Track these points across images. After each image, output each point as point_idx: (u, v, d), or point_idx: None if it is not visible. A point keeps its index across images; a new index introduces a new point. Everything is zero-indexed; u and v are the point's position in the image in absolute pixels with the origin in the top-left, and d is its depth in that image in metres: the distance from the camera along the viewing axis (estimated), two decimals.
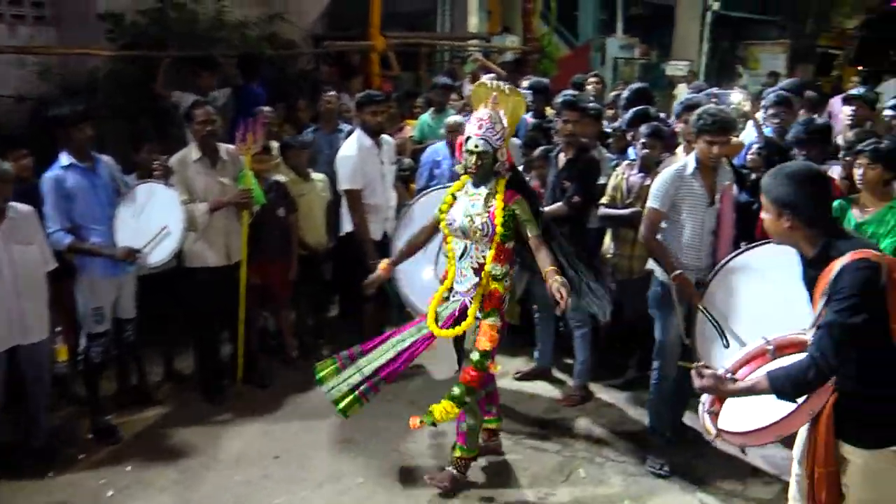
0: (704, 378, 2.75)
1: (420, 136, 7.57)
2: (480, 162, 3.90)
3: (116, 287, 4.86)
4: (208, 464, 4.51)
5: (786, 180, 2.72)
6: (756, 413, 2.77)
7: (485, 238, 3.93)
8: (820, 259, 2.68)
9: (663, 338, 4.39)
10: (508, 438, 4.74)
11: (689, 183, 4.23)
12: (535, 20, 12.45)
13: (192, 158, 5.07)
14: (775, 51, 21.83)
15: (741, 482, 4.31)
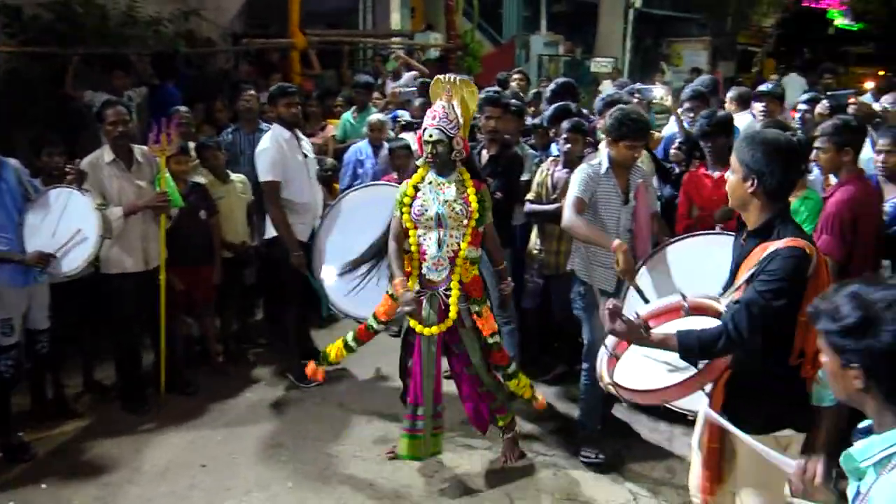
0: (618, 321, 2.74)
1: (342, 136, 7.59)
2: (436, 151, 4.07)
3: (26, 297, 4.71)
4: (131, 477, 4.43)
5: (761, 147, 2.76)
6: (649, 373, 2.87)
7: (462, 224, 4.13)
8: (763, 231, 2.76)
9: (592, 338, 4.42)
10: None
11: (603, 182, 4.34)
12: (459, 17, 12.57)
13: (105, 161, 4.97)
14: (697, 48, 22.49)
15: (669, 471, 4.45)
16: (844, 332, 1.71)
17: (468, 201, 4.13)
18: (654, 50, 23.76)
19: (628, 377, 2.92)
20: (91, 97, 6.64)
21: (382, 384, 5.65)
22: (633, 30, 20.26)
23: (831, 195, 4.09)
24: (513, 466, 4.49)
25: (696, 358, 2.67)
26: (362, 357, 5.99)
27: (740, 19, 25.39)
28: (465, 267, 4.18)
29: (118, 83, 6.85)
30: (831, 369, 1.79)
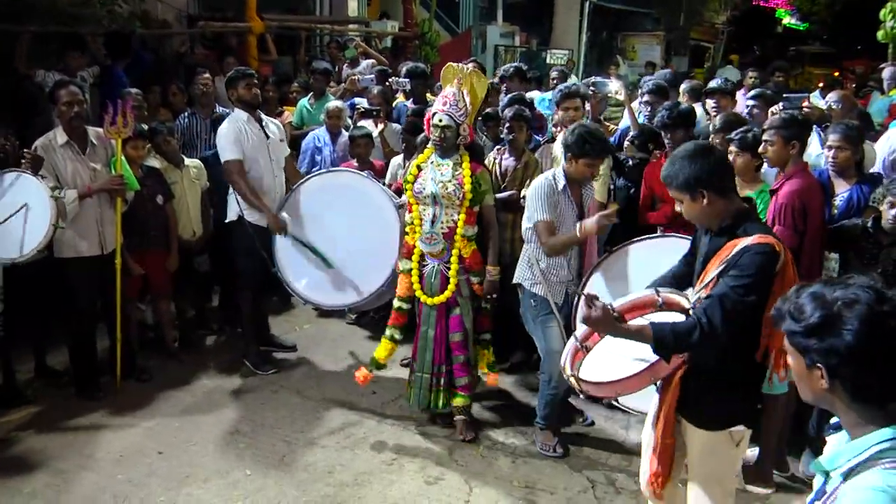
0: (594, 308, 2.76)
1: (299, 122, 7.55)
2: (444, 135, 4.43)
3: None
4: (86, 464, 4.39)
5: (687, 161, 2.84)
6: (608, 368, 2.93)
7: (455, 202, 4.45)
8: (728, 229, 2.84)
9: (546, 348, 4.44)
10: (397, 425, 4.86)
11: (561, 198, 4.37)
12: (416, 6, 12.55)
13: (58, 143, 4.88)
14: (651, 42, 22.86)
15: (626, 459, 4.54)
16: (808, 331, 1.74)
17: (462, 182, 4.45)
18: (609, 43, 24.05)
19: (589, 370, 2.99)
20: (43, 77, 6.49)
21: (339, 371, 5.65)
22: (588, 23, 20.47)
23: (780, 187, 4.22)
24: (471, 454, 4.55)
25: (669, 351, 2.73)
26: (319, 344, 6.07)
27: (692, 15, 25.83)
28: (464, 243, 4.54)
29: (73, 63, 6.70)
30: (797, 370, 1.83)
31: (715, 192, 2.83)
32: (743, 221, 2.84)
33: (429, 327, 4.66)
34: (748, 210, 2.93)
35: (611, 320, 2.76)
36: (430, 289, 4.61)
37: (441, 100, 4.50)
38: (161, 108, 6.90)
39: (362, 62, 9.44)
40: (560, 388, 4.52)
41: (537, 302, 4.47)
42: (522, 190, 5.18)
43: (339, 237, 5.33)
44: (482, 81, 4.66)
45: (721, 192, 2.85)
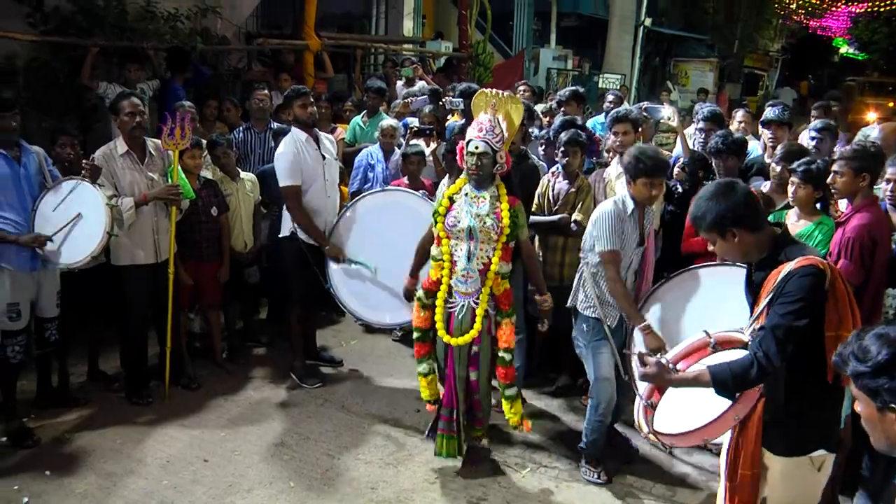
0: (648, 366, 2.78)
1: (352, 139, 7.63)
2: (480, 163, 4.17)
3: (35, 283, 4.76)
4: (134, 468, 4.46)
5: (712, 201, 2.83)
6: (685, 416, 2.89)
7: (493, 237, 4.22)
8: (769, 260, 2.81)
9: (598, 375, 4.39)
10: None
11: (628, 223, 4.31)
12: (471, 28, 12.65)
13: (118, 153, 5.01)
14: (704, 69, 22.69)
15: (670, 489, 4.47)
16: (876, 371, 1.69)
17: (500, 216, 4.20)
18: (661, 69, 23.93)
19: (667, 423, 2.95)
20: (105, 88, 6.69)
21: (384, 387, 5.68)
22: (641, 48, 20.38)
23: (847, 220, 4.12)
24: (515, 477, 4.52)
25: (731, 390, 2.70)
26: (365, 360, 6.09)
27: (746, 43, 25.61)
28: (497, 280, 4.28)
29: (133, 76, 6.90)
30: (868, 416, 1.76)
31: (745, 229, 2.81)
32: (781, 248, 2.82)
33: (462, 368, 4.39)
34: (783, 234, 2.90)
35: (667, 374, 2.76)
36: (460, 327, 4.31)
37: (476, 127, 4.25)
38: (217, 121, 7.04)
39: (418, 83, 9.53)
40: (606, 415, 4.48)
41: (590, 326, 4.43)
42: (574, 214, 5.16)
43: (392, 256, 5.33)
44: (518, 108, 4.39)
45: (752, 228, 2.83)
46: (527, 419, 4.61)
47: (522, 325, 5.31)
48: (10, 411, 4.77)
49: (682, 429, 2.88)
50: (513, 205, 4.26)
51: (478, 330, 4.28)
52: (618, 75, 17.60)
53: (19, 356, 4.71)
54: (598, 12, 20.94)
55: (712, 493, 4.31)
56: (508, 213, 4.22)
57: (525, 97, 8.02)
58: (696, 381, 2.73)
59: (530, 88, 8.80)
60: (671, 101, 14.08)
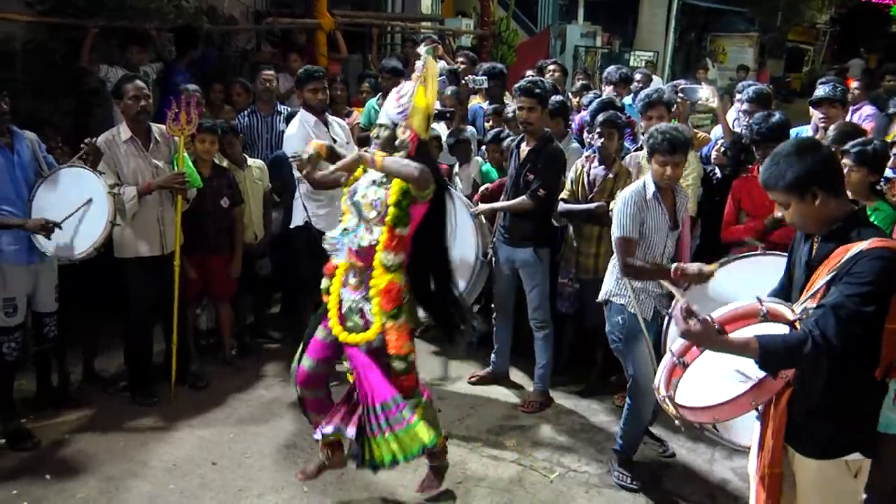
0: (692, 321, 2.62)
1: (367, 122, 7.57)
2: (377, 134, 3.88)
3: (32, 276, 4.78)
4: (138, 471, 4.46)
5: (794, 158, 2.70)
6: (702, 390, 2.81)
7: (376, 218, 3.79)
8: (839, 234, 2.70)
9: (635, 372, 4.35)
10: (464, 446, 4.81)
11: (651, 207, 4.24)
12: (493, 4, 12.55)
13: (121, 139, 5.01)
14: (744, 44, 22.39)
15: (709, 496, 4.41)
16: None
17: (388, 193, 3.77)
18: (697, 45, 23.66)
19: (684, 394, 2.87)
20: (106, 72, 6.69)
21: None
22: (676, 22, 20.14)
23: None
24: (542, 482, 4.47)
25: (778, 367, 2.59)
26: None
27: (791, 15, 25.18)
28: (380, 271, 3.81)
29: (135, 58, 6.89)
30: None
31: (827, 191, 2.69)
32: (855, 225, 2.71)
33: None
34: (859, 212, 2.80)
35: (713, 333, 2.62)
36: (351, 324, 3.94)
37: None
38: (225, 106, 7.02)
39: (439, 62, 9.45)
40: (646, 414, 4.43)
41: (625, 321, 4.36)
42: (612, 203, 5.08)
43: None
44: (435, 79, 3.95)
45: (834, 191, 2.71)
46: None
47: (549, 320, 5.28)
48: (8, 412, 4.79)
49: (695, 403, 2.79)
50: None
51: (376, 331, 3.84)
52: (650, 52, 17.43)
53: (16, 353, 4.72)
54: None
55: None
56: (398, 192, 3.74)
57: (554, 77, 7.96)
58: (741, 348, 2.60)
59: (560, 68, 8.69)
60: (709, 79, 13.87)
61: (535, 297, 5.22)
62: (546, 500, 4.31)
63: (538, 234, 5.19)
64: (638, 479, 4.44)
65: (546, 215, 5.24)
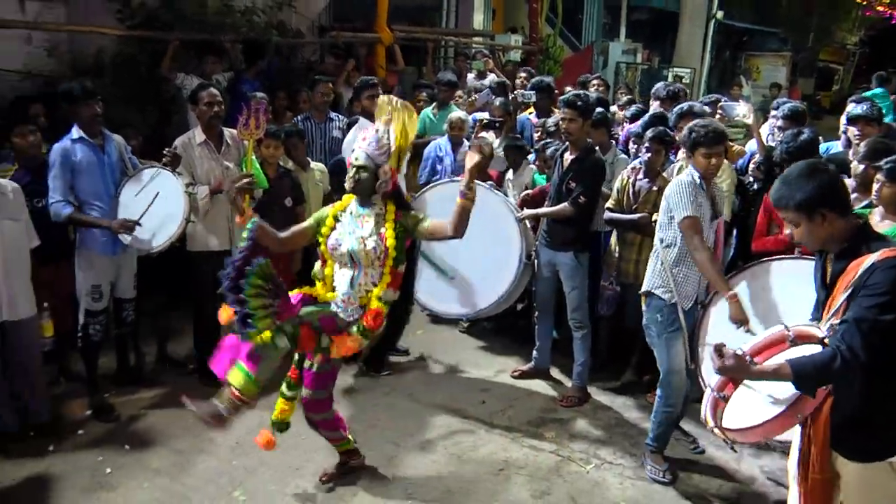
0: (726, 357, 2.63)
1: (422, 131, 7.60)
2: (358, 177, 3.71)
3: (116, 266, 4.92)
4: (205, 447, 4.54)
5: (803, 180, 2.68)
6: (748, 411, 2.77)
7: (377, 261, 3.73)
8: (851, 250, 2.67)
9: (668, 367, 4.30)
10: (505, 436, 4.81)
11: (701, 195, 4.19)
12: (541, 21, 12.50)
13: (196, 141, 5.09)
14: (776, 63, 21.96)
15: (736, 492, 4.33)
16: None
17: (384, 237, 3.72)
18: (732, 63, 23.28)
19: (730, 417, 2.84)
20: (182, 80, 6.81)
21: (449, 378, 5.67)
22: (712, 41, 19.84)
23: None
24: (579, 472, 4.44)
25: (812, 385, 2.58)
26: (431, 350, 6.08)
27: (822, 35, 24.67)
28: (375, 304, 3.76)
29: (210, 68, 7.01)
30: None
31: (835, 212, 2.67)
32: (864, 239, 2.67)
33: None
34: (865, 226, 2.76)
35: (745, 366, 2.63)
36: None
37: (362, 136, 3.80)
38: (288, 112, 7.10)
39: (489, 76, 9.46)
40: (676, 408, 4.38)
41: (664, 315, 4.29)
42: (654, 214, 5.03)
43: (460, 246, 5.28)
44: (413, 119, 3.84)
45: (841, 211, 2.68)
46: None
47: (587, 321, 5.24)
48: (94, 387, 4.96)
49: (744, 424, 2.76)
50: (398, 218, 3.77)
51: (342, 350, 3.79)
52: (688, 69, 17.17)
53: (100, 335, 4.90)
54: (669, 5, 20.44)
55: (780, 498, 4.17)
56: (393, 234, 3.73)
57: (599, 91, 7.91)
58: (774, 374, 2.59)
59: (603, 83, 8.64)
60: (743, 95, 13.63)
61: (574, 298, 5.19)
62: (582, 490, 4.28)
63: (578, 239, 5.16)
64: (669, 473, 4.39)
65: (586, 221, 5.21)
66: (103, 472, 4.28)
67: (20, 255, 4.42)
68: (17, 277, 4.39)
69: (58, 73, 6.62)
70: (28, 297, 4.48)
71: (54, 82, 6.21)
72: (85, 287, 4.83)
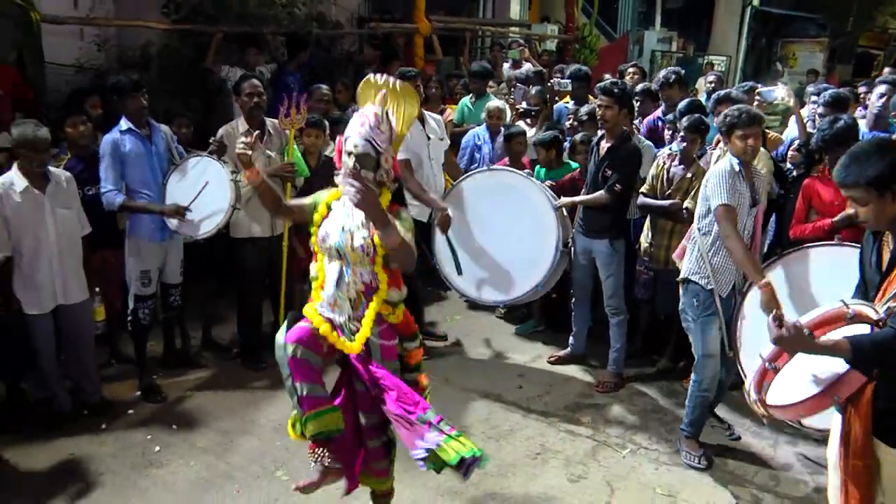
0: (785, 328, 2.50)
1: (460, 120, 7.58)
2: (359, 166, 3.14)
3: (163, 252, 4.98)
4: (249, 428, 4.59)
5: (874, 157, 2.56)
6: (787, 389, 2.70)
7: (366, 258, 3.16)
8: None
9: (704, 351, 4.23)
10: (542, 421, 4.78)
11: (740, 183, 4.10)
12: (577, 10, 12.35)
13: (239, 130, 5.10)
14: (814, 49, 21.40)
15: (773, 478, 4.26)
16: None
17: (373, 234, 3.13)
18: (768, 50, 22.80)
19: (773, 393, 2.76)
20: (226, 71, 6.85)
21: (486, 363, 5.65)
22: (749, 28, 19.42)
23: None
24: (614, 457, 4.39)
25: (869, 365, 2.49)
26: (468, 335, 6.06)
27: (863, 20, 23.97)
28: (388, 309, 3.25)
29: (252, 59, 7.04)
30: None
31: None
32: None
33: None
34: None
35: (804, 338, 2.52)
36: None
37: (358, 120, 3.18)
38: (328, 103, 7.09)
39: (524, 65, 9.38)
40: (710, 392, 4.32)
41: (700, 301, 4.23)
42: (686, 201, 4.96)
43: (498, 234, 5.28)
44: (412, 100, 3.38)
45: None
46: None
47: (623, 307, 5.18)
48: (143, 369, 5.04)
49: (780, 401, 2.69)
50: (391, 212, 3.14)
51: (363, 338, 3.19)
52: (723, 57, 16.87)
53: (148, 318, 4.96)
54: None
55: (817, 486, 4.10)
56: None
57: (634, 80, 7.78)
58: (832, 349, 2.49)
59: (640, 70, 8.48)
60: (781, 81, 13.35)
61: (610, 285, 5.13)
62: (617, 474, 4.24)
63: (614, 227, 5.10)
64: (705, 459, 4.32)
65: (622, 209, 5.15)
66: (152, 451, 4.35)
67: (73, 242, 4.50)
68: (70, 263, 4.46)
69: (107, 67, 6.73)
70: (81, 282, 4.55)
71: (104, 75, 6.29)
72: (134, 273, 4.90)
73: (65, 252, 4.42)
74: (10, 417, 4.61)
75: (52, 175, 4.36)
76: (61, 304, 4.45)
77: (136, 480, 4.09)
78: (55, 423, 4.55)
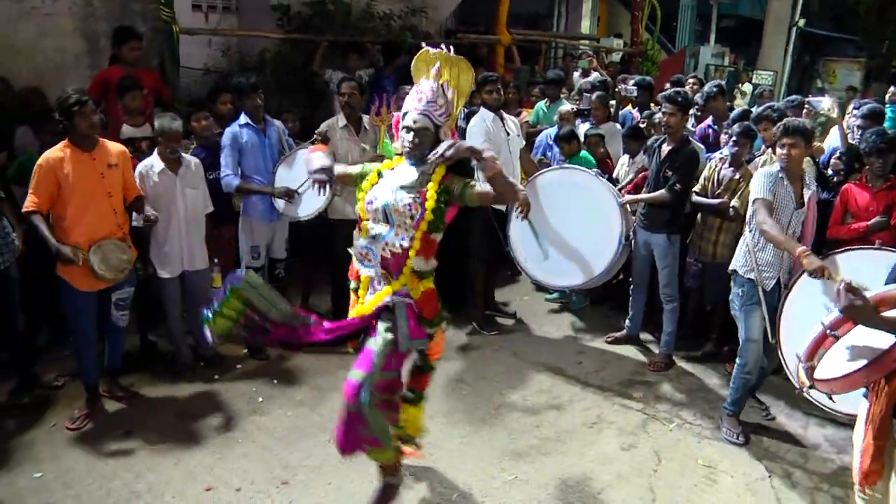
0: (857, 297, 2.24)
1: (535, 121, 7.39)
2: (418, 140, 2.88)
3: (271, 230, 4.99)
4: (339, 386, 4.38)
5: None
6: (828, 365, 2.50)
7: (409, 221, 2.87)
8: None
9: (748, 336, 4.02)
10: (598, 394, 4.59)
11: (781, 185, 3.90)
12: (641, 27, 11.96)
13: (339, 125, 5.07)
14: (852, 68, 20.43)
15: (803, 456, 4.01)
16: None
17: (424, 198, 2.86)
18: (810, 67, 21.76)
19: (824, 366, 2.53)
20: (330, 75, 6.83)
21: (550, 339, 5.46)
22: (794, 47, 18.51)
23: None
24: (662, 430, 4.17)
25: None
26: (535, 314, 5.90)
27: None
28: (414, 281, 2.92)
29: (353, 64, 7.00)
30: None
31: None
32: None
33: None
34: None
35: (870, 310, 2.28)
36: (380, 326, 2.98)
37: (415, 96, 2.91)
38: None
39: (592, 73, 9.11)
40: (752, 375, 4.08)
41: (745, 291, 4.01)
42: (733, 200, 4.69)
43: (566, 225, 5.06)
44: (467, 73, 3.01)
45: None
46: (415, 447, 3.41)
47: (676, 295, 4.93)
48: None
49: (819, 375, 2.49)
50: (445, 181, 2.88)
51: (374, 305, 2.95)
52: (770, 72, 16.09)
53: None
54: (755, 13, 19.24)
55: (843, 464, 3.86)
56: (435, 196, 2.85)
57: (693, 90, 7.41)
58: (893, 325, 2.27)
59: (698, 80, 8.09)
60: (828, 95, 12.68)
61: (665, 275, 4.88)
62: (664, 445, 4.03)
63: (672, 223, 4.85)
64: (742, 436, 4.09)
65: (680, 207, 4.87)
66: (256, 401, 4.35)
67: (198, 218, 4.55)
68: (195, 236, 4.52)
69: (229, 70, 6.83)
70: (203, 253, 4.60)
71: (227, 77, 6.35)
72: (246, 247, 4.93)
73: (191, 226, 4.48)
74: (144, 364, 4.71)
75: (183, 160, 4.42)
76: (187, 269, 4.50)
77: (242, 424, 4.10)
78: (178, 371, 4.62)
